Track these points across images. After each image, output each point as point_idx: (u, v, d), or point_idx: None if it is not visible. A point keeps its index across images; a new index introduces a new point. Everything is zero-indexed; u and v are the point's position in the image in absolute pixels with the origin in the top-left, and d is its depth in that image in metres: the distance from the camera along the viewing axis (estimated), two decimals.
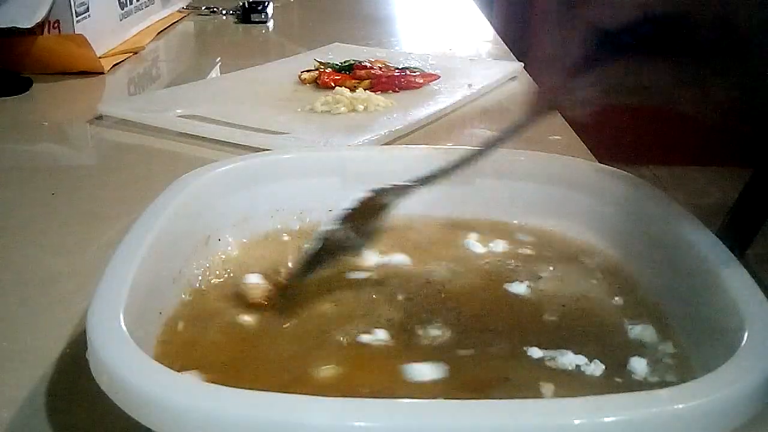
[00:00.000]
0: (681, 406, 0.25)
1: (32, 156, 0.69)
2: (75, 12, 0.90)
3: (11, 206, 0.57)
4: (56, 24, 0.90)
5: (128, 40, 1.06)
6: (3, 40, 0.88)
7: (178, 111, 0.73)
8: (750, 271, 0.34)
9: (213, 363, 0.34)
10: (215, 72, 1.01)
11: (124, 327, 0.29)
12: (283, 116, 0.74)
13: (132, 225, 0.37)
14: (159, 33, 1.15)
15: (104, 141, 0.73)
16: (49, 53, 0.90)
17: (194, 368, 0.33)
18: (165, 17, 1.22)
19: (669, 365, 0.34)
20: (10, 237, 0.52)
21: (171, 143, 0.69)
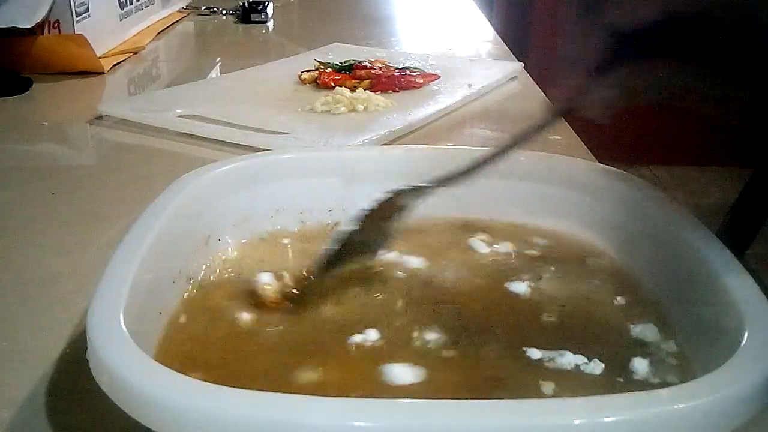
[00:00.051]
0: (681, 406, 0.25)
1: (32, 156, 0.69)
2: (75, 12, 0.91)
3: (11, 206, 0.57)
4: (56, 24, 0.90)
5: (128, 40, 1.06)
6: (3, 40, 0.88)
7: (178, 111, 0.73)
8: (750, 271, 0.34)
9: (213, 363, 0.34)
10: (215, 72, 1.01)
11: (124, 327, 0.29)
12: (283, 116, 0.74)
13: (132, 225, 0.37)
14: (159, 33, 1.15)
15: (104, 141, 0.73)
16: (49, 53, 0.90)
17: (194, 368, 0.33)
18: (165, 17, 1.22)
19: (671, 365, 0.34)
20: (10, 237, 0.52)
21: (171, 143, 0.69)
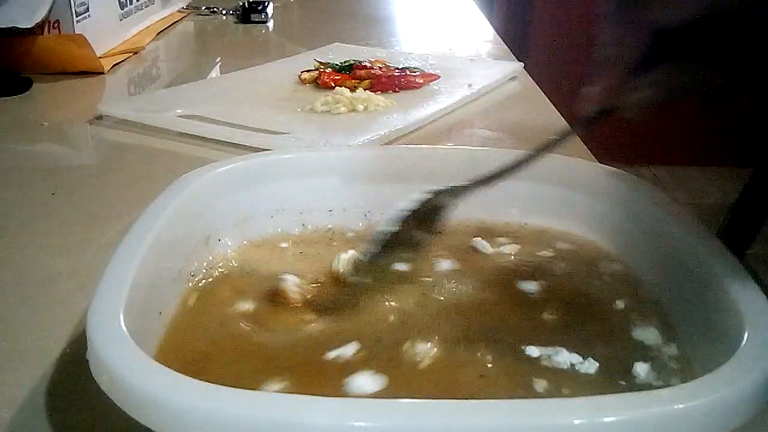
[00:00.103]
0: (681, 406, 0.25)
1: (32, 156, 0.69)
2: (75, 12, 0.91)
3: (11, 206, 0.57)
4: (56, 24, 0.90)
5: (128, 40, 1.06)
6: (3, 40, 0.88)
7: (178, 111, 0.73)
8: (750, 271, 0.34)
9: (212, 362, 0.34)
10: (215, 72, 1.01)
11: (124, 327, 0.29)
12: (283, 116, 0.74)
13: (132, 225, 0.37)
14: (159, 33, 1.15)
15: (104, 141, 0.73)
16: (49, 53, 0.90)
17: (194, 368, 0.33)
18: (165, 17, 1.22)
19: (672, 369, 0.34)
20: (11, 237, 0.52)
21: (171, 143, 0.69)
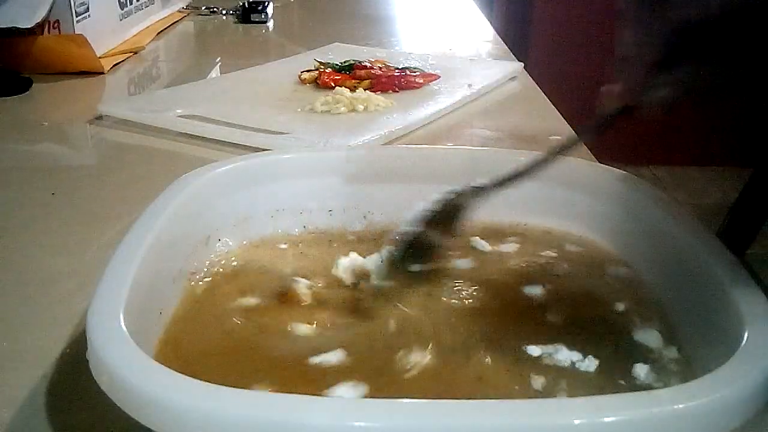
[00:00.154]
0: (681, 406, 0.25)
1: (32, 156, 0.69)
2: (75, 12, 0.90)
3: (11, 206, 0.57)
4: (56, 24, 0.90)
5: (128, 40, 1.06)
6: (3, 40, 0.88)
7: (178, 111, 0.73)
8: (750, 271, 0.34)
9: (212, 362, 0.34)
10: (215, 72, 1.01)
11: (124, 327, 0.29)
12: (283, 116, 0.74)
13: (132, 225, 0.37)
14: (159, 33, 1.15)
15: (104, 141, 0.73)
16: (49, 53, 0.90)
17: (194, 368, 0.33)
18: (165, 17, 1.22)
19: (673, 371, 0.34)
20: (11, 237, 0.52)
21: (171, 143, 0.69)
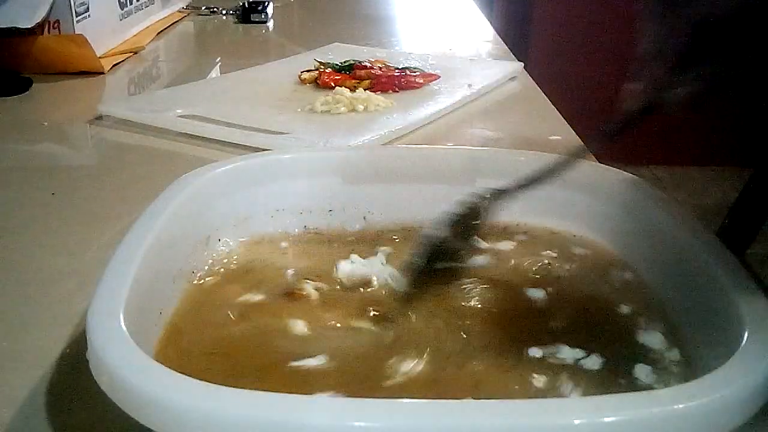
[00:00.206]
0: (681, 406, 0.25)
1: (32, 156, 0.69)
2: (75, 12, 0.90)
3: (11, 206, 0.57)
4: (56, 24, 0.90)
5: (128, 40, 1.06)
6: (3, 40, 0.88)
7: (178, 111, 0.73)
8: (750, 271, 0.34)
9: (212, 362, 0.34)
10: (215, 72, 1.01)
11: (124, 327, 0.29)
12: (283, 116, 0.74)
13: (132, 225, 0.37)
14: (159, 33, 1.15)
15: (104, 141, 0.73)
16: (49, 53, 0.90)
17: (194, 368, 0.33)
18: (165, 17, 1.22)
19: (673, 372, 0.34)
20: (11, 237, 0.52)
21: (171, 143, 0.69)
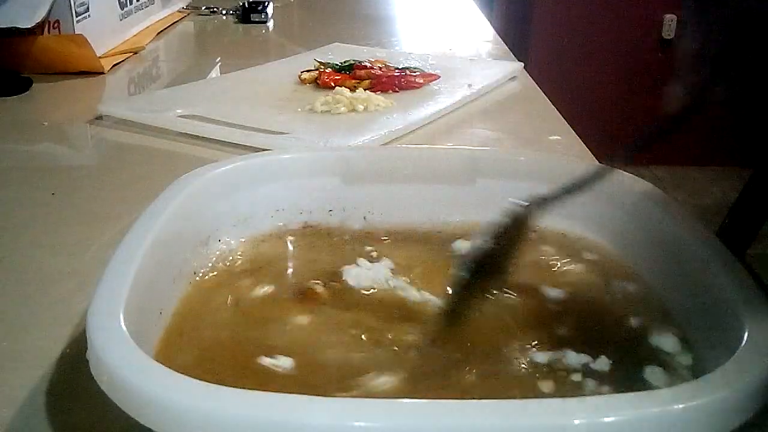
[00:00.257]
0: (681, 406, 0.25)
1: (32, 156, 0.69)
2: (75, 12, 0.91)
3: (11, 206, 0.57)
4: (56, 24, 0.90)
5: (128, 40, 1.06)
6: (3, 40, 0.88)
7: (178, 111, 0.73)
8: (750, 271, 0.34)
9: (212, 362, 0.34)
10: (215, 72, 1.01)
11: (124, 327, 0.29)
12: (283, 116, 0.74)
13: (132, 225, 0.37)
14: (159, 33, 1.15)
15: (104, 141, 0.73)
16: (49, 53, 0.90)
17: (194, 367, 0.33)
18: (165, 17, 1.22)
19: (673, 372, 0.34)
20: (11, 237, 0.52)
21: (171, 143, 0.69)
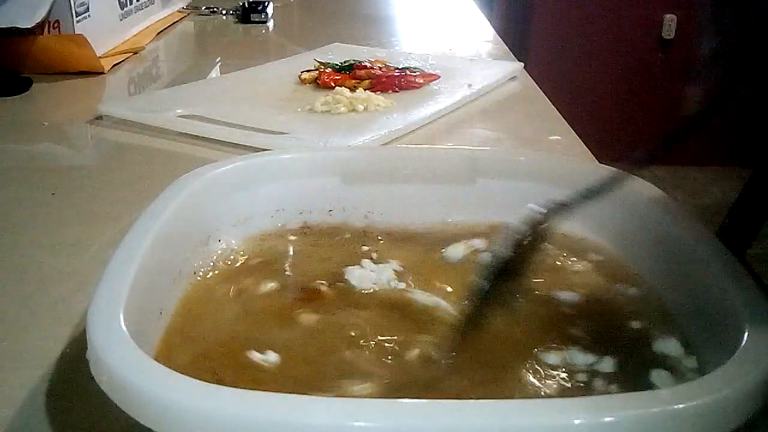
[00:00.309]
0: (681, 406, 0.25)
1: (32, 156, 0.69)
2: (75, 12, 0.91)
3: (11, 206, 0.57)
4: (56, 24, 0.90)
5: (128, 40, 1.06)
6: (3, 40, 0.88)
7: (178, 111, 0.73)
8: (750, 271, 0.34)
9: (212, 362, 0.34)
10: (215, 72, 1.01)
11: (124, 327, 0.29)
12: (283, 116, 0.74)
13: (132, 225, 0.37)
14: (159, 33, 1.15)
15: (104, 141, 0.73)
16: (49, 53, 0.90)
17: (194, 367, 0.33)
18: (165, 17, 1.22)
19: (675, 371, 0.34)
20: (10, 237, 0.52)
21: (171, 143, 0.69)
